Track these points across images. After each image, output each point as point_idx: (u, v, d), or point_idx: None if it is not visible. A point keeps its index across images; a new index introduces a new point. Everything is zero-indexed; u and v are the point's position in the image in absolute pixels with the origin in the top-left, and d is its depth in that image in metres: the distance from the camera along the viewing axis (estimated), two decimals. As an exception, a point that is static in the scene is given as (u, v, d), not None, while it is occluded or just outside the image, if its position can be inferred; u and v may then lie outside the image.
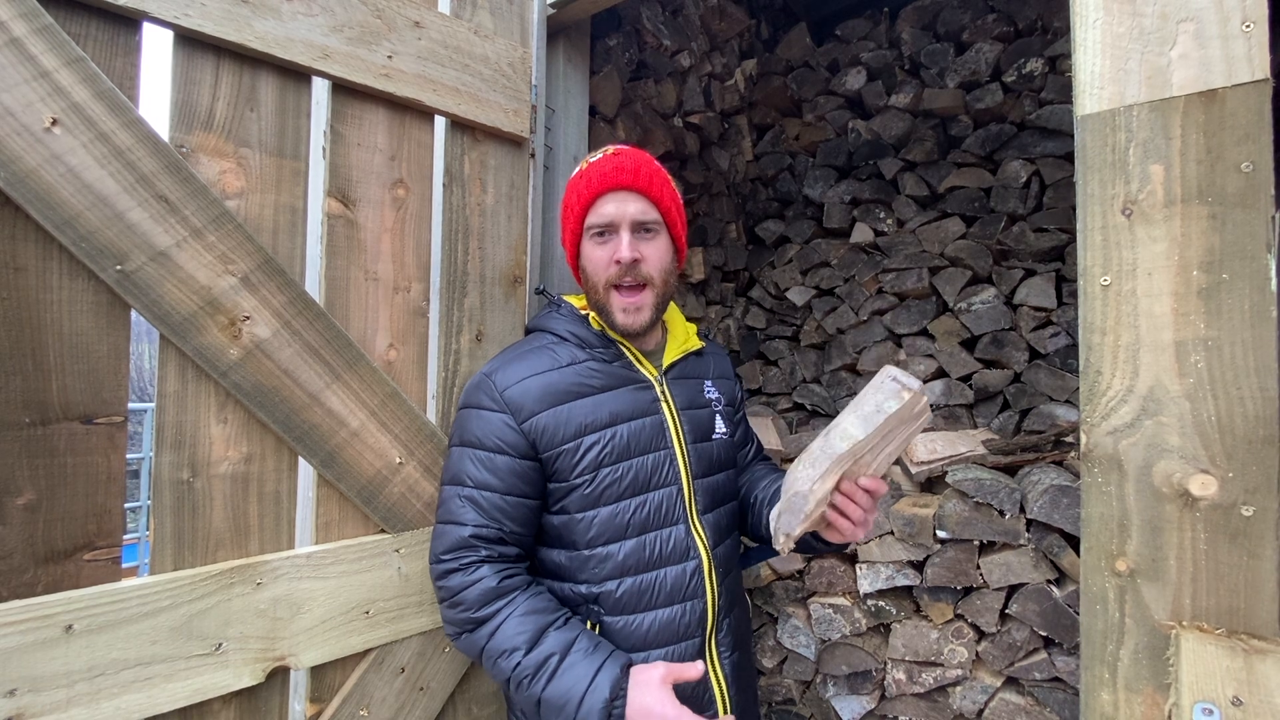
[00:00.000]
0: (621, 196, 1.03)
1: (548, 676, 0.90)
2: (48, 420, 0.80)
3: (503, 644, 0.93)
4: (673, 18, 2.53)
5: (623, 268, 1.03)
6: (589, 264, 1.07)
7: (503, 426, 1.01)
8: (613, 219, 1.04)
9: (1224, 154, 0.72)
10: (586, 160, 1.09)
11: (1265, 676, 0.68)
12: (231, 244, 0.92)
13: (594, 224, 1.05)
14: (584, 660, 0.91)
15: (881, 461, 0.92)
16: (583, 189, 1.05)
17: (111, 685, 0.81)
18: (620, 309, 1.05)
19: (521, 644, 0.92)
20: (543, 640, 0.93)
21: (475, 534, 0.98)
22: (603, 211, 1.04)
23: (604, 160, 1.05)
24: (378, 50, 1.08)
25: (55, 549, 0.80)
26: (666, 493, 1.05)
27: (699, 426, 1.12)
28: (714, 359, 1.26)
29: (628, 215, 1.03)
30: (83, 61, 0.80)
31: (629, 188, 1.03)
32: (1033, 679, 1.73)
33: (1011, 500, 1.71)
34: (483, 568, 0.97)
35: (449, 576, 0.98)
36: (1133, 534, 0.76)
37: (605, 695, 0.88)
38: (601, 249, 1.05)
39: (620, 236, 1.03)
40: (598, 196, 1.04)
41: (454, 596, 0.97)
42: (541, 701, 0.90)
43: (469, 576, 0.96)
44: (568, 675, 0.90)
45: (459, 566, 0.97)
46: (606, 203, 1.03)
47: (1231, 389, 0.71)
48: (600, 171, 1.04)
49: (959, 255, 2.70)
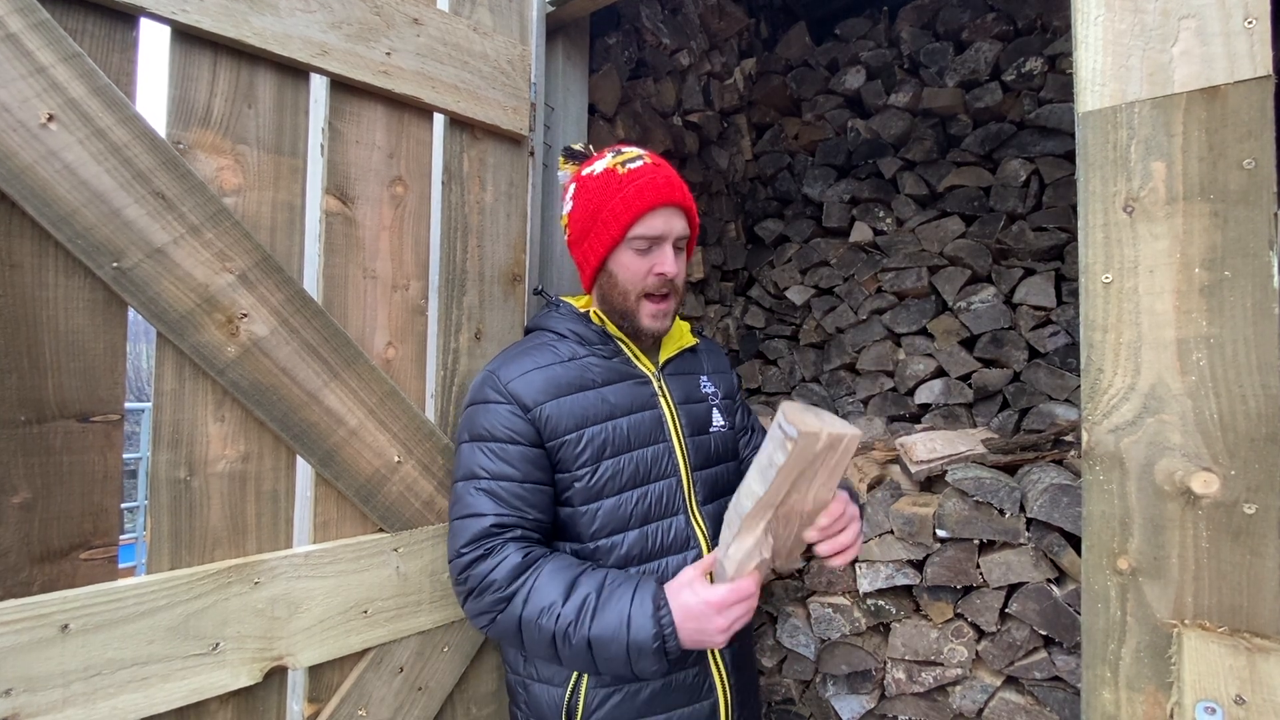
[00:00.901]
0: (671, 212, 1.06)
1: (590, 615, 0.91)
2: (44, 418, 0.79)
3: (539, 603, 0.93)
4: (672, 16, 2.53)
5: (662, 280, 1.06)
6: (625, 271, 1.07)
7: (511, 416, 1.02)
8: (662, 233, 1.05)
9: (1226, 151, 0.72)
10: (617, 164, 1.07)
11: (1268, 675, 0.67)
12: (229, 241, 0.92)
13: (643, 235, 1.04)
14: (620, 589, 0.93)
15: (816, 495, 0.93)
16: (632, 198, 1.03)
17: (108, 685, 0.81)
18: (650, 315, 1.09)
19: (557, 596, 0.93)
20: (576, 587, 0.94)
21: (497, 522, 0.98)
22: (653, 225, 1.04)
23: (648, 170, 1.05)
24: (376, 47, 1.08)
25: (51, 548, 0.80)
26: (666, 484, 1.07)
27: (696, 420, 1.15)
28: (708, 355, 1.28)
29: (674, 232, 1.06)
30: (79, 57, 0.79)
31: (678, 204, 1.06)
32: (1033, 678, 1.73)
33: (1011, 499, 1.71)
34: (508, 546, 0.97)
35: (474, 565, 0.97)
36: (1134, 532, 0.76)
37: (650, 609, 0.90)
38: (642, 260, 1.06)
39: (665, 251, 1.06)
40: (650, 209, 1.04)
41: (482, 582, 0.96)
42: (592, 642, 0.90)
43: (496, 558, 0.96)
44: (609, 607, 0.91)
45: (484, 552, 0.97)
46: (657, 217, 1.04)
47: (1234, 386, 0.71)
48: (653, 183, 1.04)
49: (958, 254, 2.70)
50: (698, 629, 0.89)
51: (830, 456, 0.91)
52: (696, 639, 0.90)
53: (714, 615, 0.89)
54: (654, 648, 0.89)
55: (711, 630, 0.89)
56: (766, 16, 3.32)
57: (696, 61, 2.67)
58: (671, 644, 0.90)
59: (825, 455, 0.91)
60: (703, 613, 0.89)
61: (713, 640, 0.90)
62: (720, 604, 0.89)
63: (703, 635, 0.90)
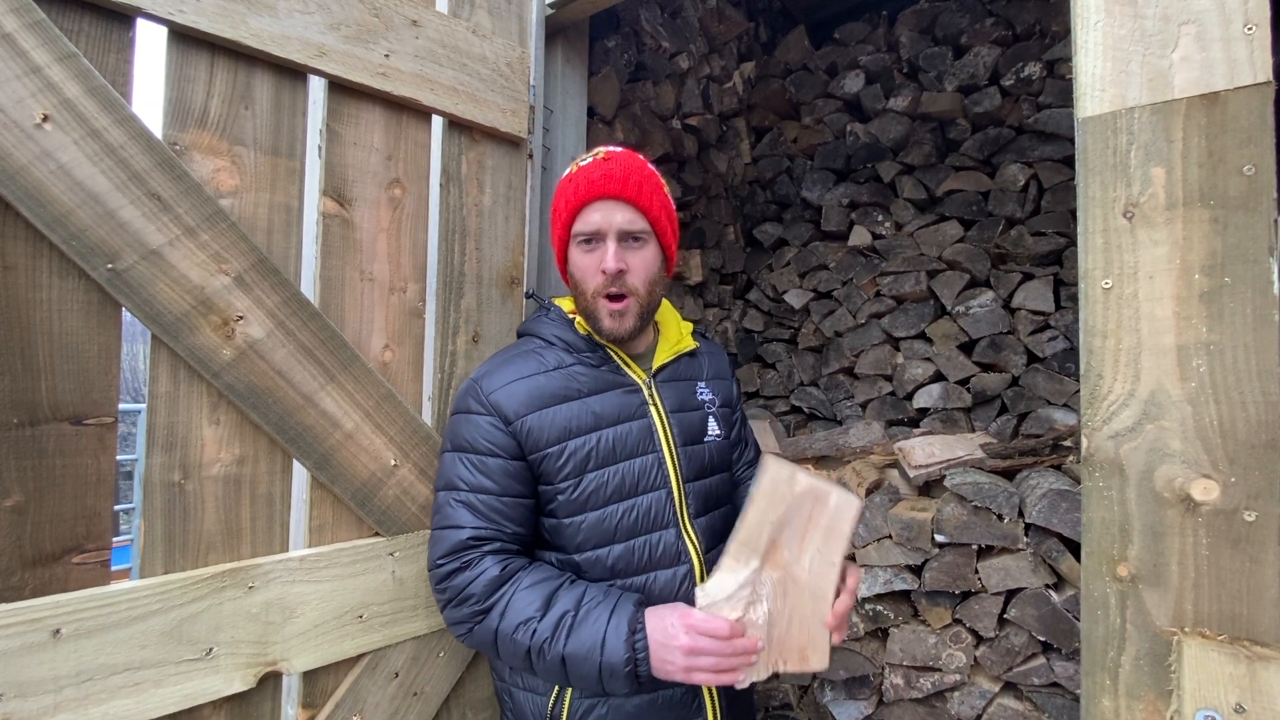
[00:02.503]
0: (609, 205, 1.02)
1: (566, 632, 0.90)
2: (36, 421, 0.78)
3: (516, 618, 0.92)
4: (671, 20, 2.53)
5: (608, 278, 1.02)
6: (576, 270, 1.06)
7: (491, 429, 1.00)
8: (599, 228, 1.02)
9: (1226, 157, 0.72)
10: (577, 163, 1.07)
11: (1268, 683, 0.67)
12: (225, 243, 0.91)
13: (581, 232, 1.03)
14: (597, 607, 0.92)
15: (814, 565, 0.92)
16: (570, 195, 1.03)
17: (100, 690, 0.80)
18: (607, 314, 1.04)
19: (534, 612, 0.92)
20: (554, 602, 0.93)
21: (474, 535, 0.97)
22: (589, 220, 1.02)
23: (593, 165, 1.03)
24: (375, 49, 1.08)
25: (43, 552, 0.79)
26: (655, 497, 1.04)
27: (689, 429, 1.11)
28: (709, 359, 1.24)
29: (614, 225, 1.02)
30: (75, 58, 0.79)
31: (617, 196, 1.01)
32: (1031, 684, 1.72)
33: (1010, 504, 1.71)
34: (485, 559, 0.97)
35: (452, 577, 0.96)
36: (1134, 539, 0.76)
37: (625, 633, 0.88)
38: (588, 257, 1.04)
39: (607, 246, 1.02)
40: (585, 204, 1.02)
41: (460, 593, 0.95)
42: (566, 659, 0.89)
43: (473, 571, 0.96)
44: (585, 625, 0.90)
45: (461, 565, 0.96)
46: (593, 211, 1.02)
47: (1234, 393, 0.71)
48: (589, 178, 1.02)
49: (957, 258, 2.71)
50: (662, 644, 0.88)
51: (819, 513, 0.89)
52: (664, 662, 0.88)
53: (680, 634, 0.87)
54: (625, 671, 0.88)
55: (674, 648, 0.87)
56: (766, 20, 3.33)
57: (696, 65, 2.67)
58: (643, 669, 0.88)
59: (812, 508, 0.89)
60: (669, 629, 0.88)
61: (674, 662, 0.87)
62: (690, 625, 0.87)
63: (667, 653, 0.87)
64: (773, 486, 0.91)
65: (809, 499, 0.90)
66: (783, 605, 0.92)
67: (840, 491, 0.91)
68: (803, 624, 0.92)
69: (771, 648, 0.92)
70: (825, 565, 0.91)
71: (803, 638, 0.92)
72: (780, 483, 0.90)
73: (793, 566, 0.91)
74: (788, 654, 0.92)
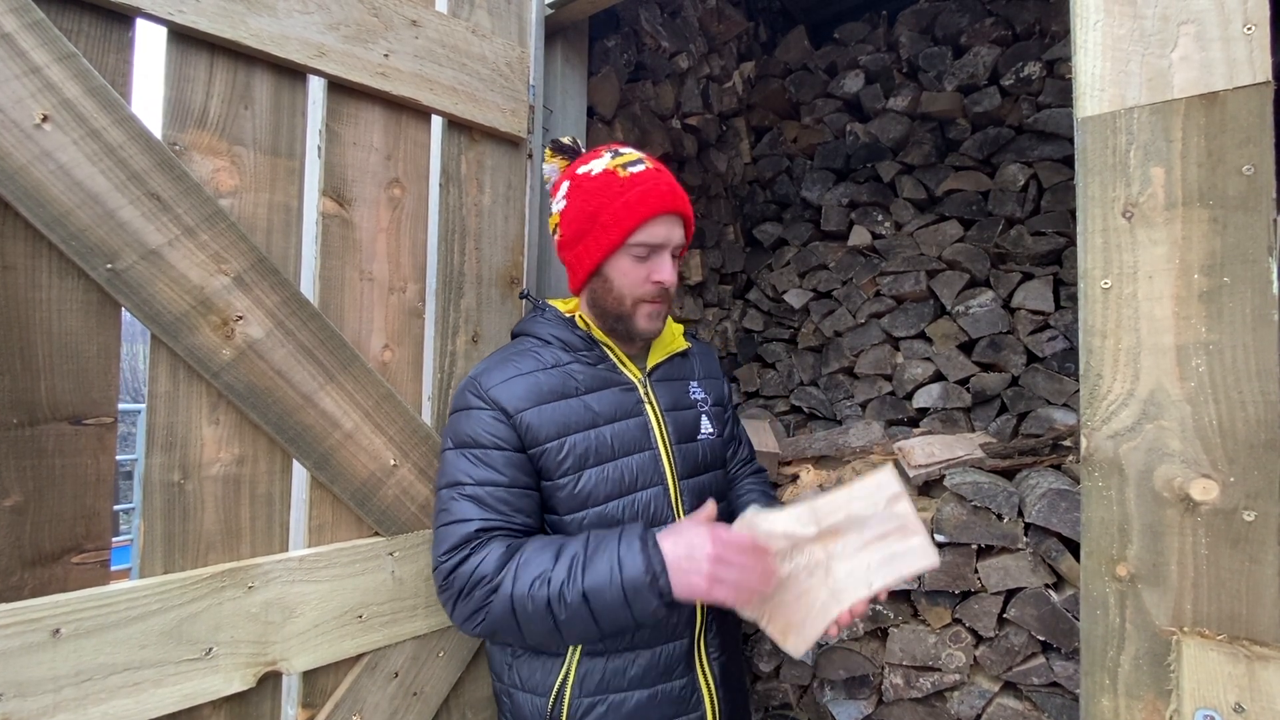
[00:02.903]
0: (673, 220, 1.04)
1: (581, 569, 0.89)
2: (36, 421, 0.78)
3: (529, 576, 0.90)
4: (671, 19, 2.53)
5: (659, 289, 1.05)
6: (622, 277, 1.05)
7: (494, 422, 1.00)
8: (663, 242, 1.04)
9: (1225, 157, 0.72)
10: (618, 166, 1.04)
11: (1267, 683, 0.67)
12: (224, 243, 0.91)
13: (644, 242, 1.02)
14: (606, 539, 0.92)
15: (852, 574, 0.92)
16: (634, 203, 1.01)
17: (99, 690, 0.80)
18: (646, 316, 1.07)
19: (547, 562, 0.91)
20: (564, 550, 0.92)
21: (482, 526, 0.95)
22: (655, 233, 1.03)
23: (651, 175, 1.03)
24: (374, 49, 1.08)
25: (43, 551, 0.79)
26: (654, 493, 1.05)
27: (684, 427, 1.12)
28: (700, 359, 1.25)
29: (674, 240, 1.05)
30: (74, 58, 0.79)
31: (679, 212, 1.05)
32: (1031, 684, 1.72)
33: (1009, 504, 1.71)
34: (492, 543, 0.95)
35: (459, 566, 0.93)
36: (1133, 539, 0.76)
37: (638, 546, 0.88)
38: (640, 266, 1.04)
39: (664, 259, 1.04)
40: (655, 216, 1.02)
41: (470, 579, 0.92)
42: (587, 594, 0.87)
43: (480, 555, 0.93)
44: (597, 556, 0.89)
45: (470, 552, 0.94)
46: (659, 225, 1.02)
47: (1233, 393, 0.71)
48: (657, 190, 1.02)
49: (957, 258, 2.70)
50: (687, 556, 0.87)
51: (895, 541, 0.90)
52: (685, 573, 0.86)
53: (705, 543, 0.87)
54: (647, 582, 0.86)
55: (700, 557, 0.86)
56: (765, 20, 3.33)
57: (695, 64, 2.67)
58: (663, 580, 0.86)
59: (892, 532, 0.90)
60: (693, 540, 0.88)
61: (699, 570, 0.86)
62: (717, 536, 0.87)
63: (692, 564, 0.86)
64: (876, 489, 0.91)
65: (895, 522, 0.91)
66: (805, 580, 0.93)
67: (926, 541, 0.90)
68: (807, 608, 0.93)
69: (769, 603, 0.93)
70: (863, 583, 0.91)
71: (797, 617, 0.93)
72: (883, 490, 0.91)
73: (837, 560, 0.92)
74: (776, 618, 0.93)
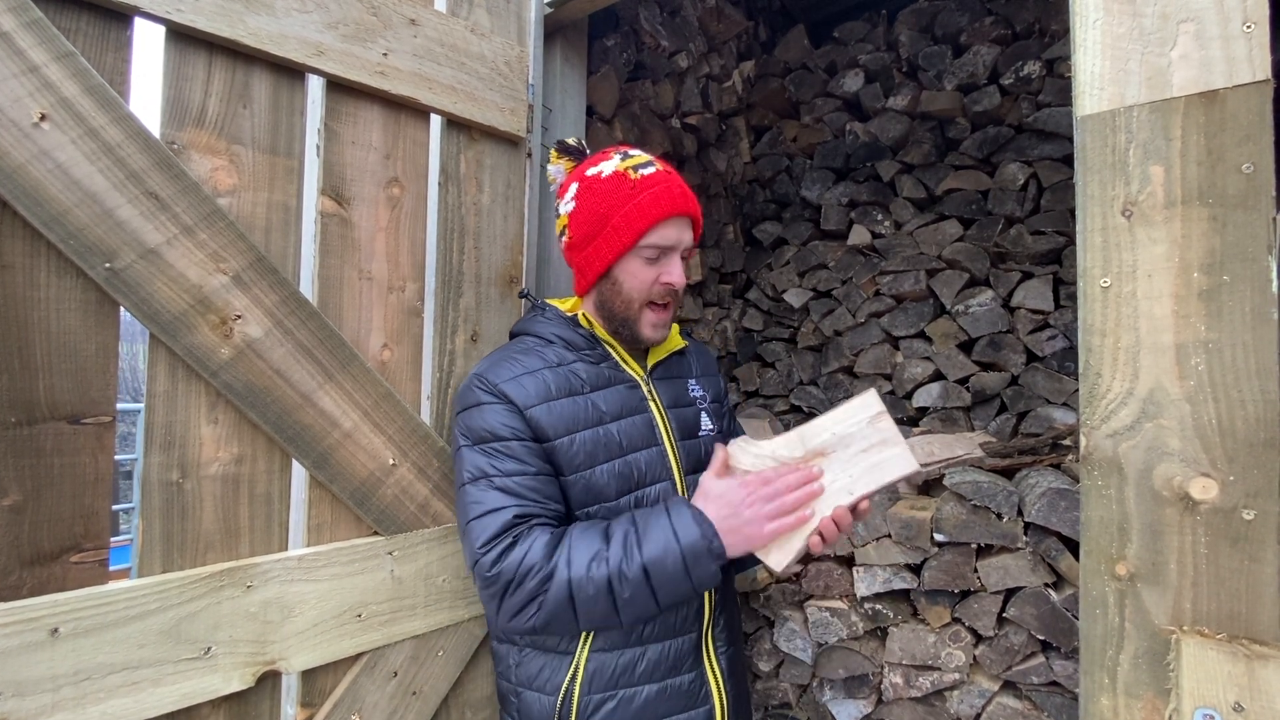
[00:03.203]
0: (683, 223, 1.05)
1: (637, 544, 0.92)
2: (34, 420, 0.78)
3: (584, 558, 0.91)
4: (671, 18, 2.53)
5: (667, 290, 1.06)
6: (631, 279, 1.05)
7: (508, 414, 0.99)
8: (674, 244, 1.04)
9: (1225, 155, 0.72)
10: (629, 168, 1.04)
11: (1267, 682, 0.67)
12: (223, 242, 0.91)
13: (656, 244, 1.03)
14: (654, 514, 0.95)
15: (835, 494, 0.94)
16: (648, 206, 1.01)
17: (98, 690, 0.80)
18: (651, 324, 1.08)
19: (598, 543, 0.93)
20: (612, 532, 0.94)
21: (519, 513, 0.94)
22: (667, 235, 1.03)
23: (663, 178, 1.04)
24: (373, 48, 1.07)
25: (41, 551, 0.79)
26: (663, 488, 1.06)
27: (685, 424, 1.14)
28: (697, 357, 1.26)
29: (684, 242, 1.06)
30: (72, 56, 0.79)
31: (689, 214, 1.06)
32: (1030, 683, 1.72)
33: (1009, 503, 1.71)
34: (534, 530, 0.93)
35: (503, 557, 0.90)
36: (1133, 538, 0.75)
37: (689, 515, 0.93)
38: (650, 269, 1.04)
39: (674, 261, 1.05)
40: (667, 218, 1.02)
41: (519, 569, 0.90)
42: (647, 567, 0.90)
43: (525, 543, 0.91)
44: (651, 532, 0.92)
45: (512, 541, 0.92)
46: (670, 226, 1.03)
47: (1232, 392, 0.70)
48: (668, 192, 1.02)
49: (956, 257, 2.70)
50: (730, 515, 0.92)
51: (876, 451, 0.93)
52: (734, 531, 0.92)
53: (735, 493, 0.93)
54: (705, 547, 0.91)
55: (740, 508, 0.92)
56: (765, 19, 3.32)
57: (695, 64, 2.67)
58: (716, 544, 0.91)
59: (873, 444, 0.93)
60: (726, 496, 0.94)
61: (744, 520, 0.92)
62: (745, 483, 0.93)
63: (737, 520, 0.92)
64: (858, 408, 0.95)
65: (877, 436, 0.94)
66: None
67: (906, 450, 0.93)
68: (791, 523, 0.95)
69: None
70: (844, 491, 0.94)
71: (782, 532, 0.94)
72: (865, 410, 0.94)
73: (820, 476, 0.95)
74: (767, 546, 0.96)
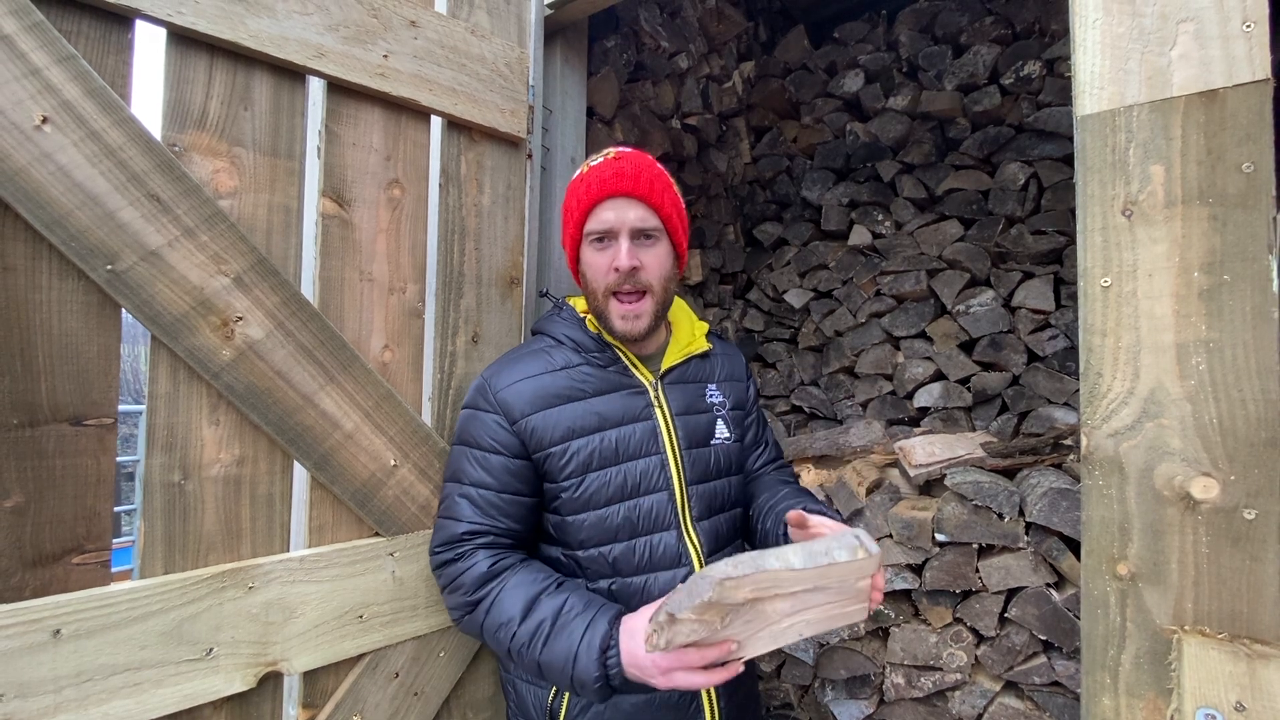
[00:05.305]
0: (621, 203, 1.02)
1: (542, 642, 0.92)
2: (36, 422, 0.78)
3: (498, 618, 0.96)
4: (671, 19, 2.53)
5: (621, 275, 1.02)
6: (589, 270, 1.06)
7: (496, 427, 1.03)
8: (612, 226, 1.03)
9: (1225, 154, 0.72)
10: (587, 163, 1.07)
11: (1268, 681, 0.67)
12: (224, 244, 0.91)
13: (593, 230, 1.04)
14: (575, 620, 0.92)
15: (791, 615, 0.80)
16: (582, 194, 1.04)
17: (100, 691, 0.80)
18: (619, 316, 1.05)
19: (515, 614, 0.95)
20: (535, 608, 0.95)
21: (469, 529, 1.02)
22: (602, 218, 1.03)
23: (605, 165, 1.04)
24: (373, 49, 1.08)
25: (43, 552, 0.79)
26: (657, 498, 1.04)
27: (696, 431, 1.11)
28: (723, 360, 1.23)
29: (627, 222, 1.02)
30: (74, 59, 0.79)
31: (629, 194, 1.02)
32: (1032, 683, 1.72)
33: (1010, 503, 1.71)
34: (478, 554, 1.01)
35: (447, 565, 1.03)
36: (1134, 537, 0.75)
37: (597, 650, 0.89)
38: (601, 255, 1.04)
39: (620, 244, 1.03)
40: (597, 202, 1.03)
41: (453, 582, 1.02)
42: (541, 666, 0.92)
43: (464, 563, 1.01)
44: (560, 637, 0.92)
45: (455, 556, 1.02)
46: (606, 209, 1.03)
47: (1233, 391, 0.70)
48: (600, 177, 1.03)
49: (957, 258, 2.70)
50: (639, 670, 0.87)
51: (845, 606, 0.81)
52: (638, 671, 0.87)
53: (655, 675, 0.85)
54: (595, 687, 0.89)
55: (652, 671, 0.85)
56: (765, 20, 3.33)
57: (695, 65, 2.67)
58: (616, 680, 0.88)
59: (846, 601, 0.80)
60: (645, 668, 0.86)
61: (651, 680, 0.86)
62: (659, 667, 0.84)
63: (644, 674, 0.86)
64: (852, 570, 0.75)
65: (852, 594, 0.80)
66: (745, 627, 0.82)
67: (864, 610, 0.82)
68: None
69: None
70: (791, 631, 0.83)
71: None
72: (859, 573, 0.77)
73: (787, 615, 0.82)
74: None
